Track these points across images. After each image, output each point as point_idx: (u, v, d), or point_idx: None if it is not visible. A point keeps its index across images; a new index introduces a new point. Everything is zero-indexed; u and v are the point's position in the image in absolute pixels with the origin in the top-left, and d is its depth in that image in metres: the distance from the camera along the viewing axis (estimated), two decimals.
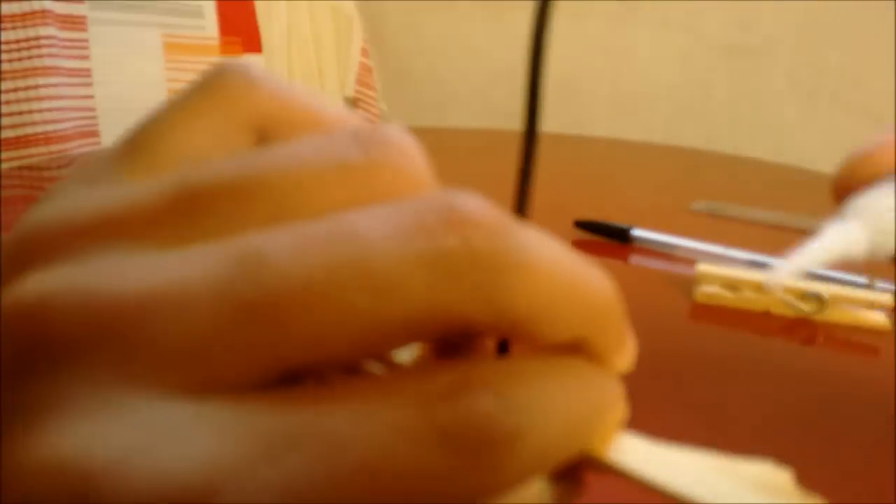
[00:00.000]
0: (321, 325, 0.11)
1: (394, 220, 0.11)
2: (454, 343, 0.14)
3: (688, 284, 0.40)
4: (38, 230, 0.13)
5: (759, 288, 0.38)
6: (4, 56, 0.56)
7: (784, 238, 0.51)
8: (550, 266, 0.12)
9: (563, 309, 0.12)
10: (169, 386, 0.11)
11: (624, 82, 0.97)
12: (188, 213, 0.12)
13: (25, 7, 0.57)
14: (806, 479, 0.27)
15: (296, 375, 0.11)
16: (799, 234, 0.50)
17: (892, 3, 0.81)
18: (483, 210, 0.11)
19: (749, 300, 0.38)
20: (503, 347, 0.14)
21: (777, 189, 0.68)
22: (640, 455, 0.14)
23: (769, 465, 0.14)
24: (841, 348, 0.36)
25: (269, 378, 0.11)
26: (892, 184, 0.21)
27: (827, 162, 0.83)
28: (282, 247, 0.11)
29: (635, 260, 0.46)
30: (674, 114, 0.97)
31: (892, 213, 0.19)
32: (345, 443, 0.10)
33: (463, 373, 0.11)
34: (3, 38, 0.56)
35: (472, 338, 0.14)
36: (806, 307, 0.38)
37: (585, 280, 0.12)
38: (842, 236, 0.18)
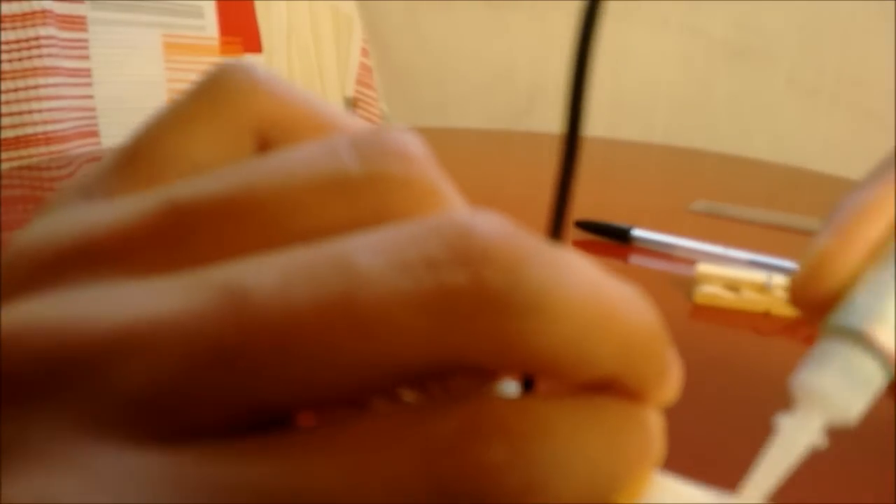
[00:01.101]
0: (306, 370, 0.10)
1: (394, 249, 0.10)
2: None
3: (688, 285, 0.40)
4: (24, 254, 0.12)
5: (759, 288, 0.38)
6: (4, 56, 0.56)
7: (784, 238, 0.51)
8: (578, 301, 0.10)
9: (593, 347, 0.10)
10: (134, 435, 0.09)
11: (623, 82, 0.97)
12: (174, 235, 0.11)
13: (25, 7, 0.57)
14: (806, 479, 0.27)
15: (284, 415, 0.10)
16: (798, 234, 0.50)
17: (892, 3, 0.81)
18: (500, 236, 0.10)
19: (749, 300, 0.38)
20: (528, 384, 0.12)
21: (777, 189, 0.68)
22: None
23: None
24: None
25: (248, 422, 0.10)
26: (833, 347, 0.17)
27: (827, 162, 0.83)
28: (267, 281, 0.10)
29: (635, 260, 0.46)
30: (673, 114, 0.97)
31: (846, 390, 0.17)
32: (332, 500, 0.09)
33: (473, 417, 0.10)
34: (3, 38, 0.56)
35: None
36: None
37: (621, 311, 0.11)
38: (799, 439, 0.16)
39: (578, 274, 0.10)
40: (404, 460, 0.10)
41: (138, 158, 0.13)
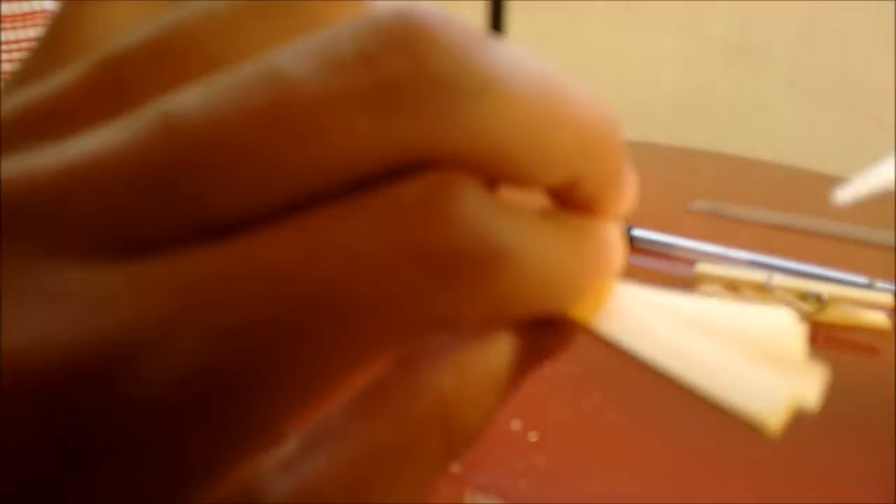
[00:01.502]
0: (245, 177, 0.09)
1: (324, 49, 0.10)
2: None
3: (687, 285, 0.40)
4: None
5: (759, 288, 0.38)
6: (4, 56, 0.56)
7: (783, 238, 0.51)
8: (530, 88, 0.10)
9: (548, 140, 0.10)
10: (90, 250, 0.10)
11: (623, 83, 0.97)
12: (110, 88, 0.11)
13: (25, 7, 0.57)
14: (807, 479, 0.27)
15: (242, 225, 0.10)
16: (798, 234, 0.50)
17: (892, 3, 0.81)
18: (441, 21, 0.10)
19: (749, 300, 0.38)
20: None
21: (777, 189, 0.68)
22: (632, 315, 0.12)
23: (783, 317, 0.13)
24: (841, 348, 0.36)
25: (198, 231, 0.10)
26: None
27: (826, 162, 0.83)
28: (195, 103, 0.10)
29: (634, 260, 0.45)
30: (673, 114, 0.96)
31: None
32: (291, 276, 0.09)
33: (440, 178, 0.09)
34: (3, 39, 0.56)
35: None
36: (806, 307, 0.37)
37: (575, 105, 0.10)
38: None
39: (529, 61, 0.10)
40: (368, 225, 0.09)
41: (64, 38, 0.13)
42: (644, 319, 0.12)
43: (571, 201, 0.12)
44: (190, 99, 0.10)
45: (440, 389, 0.11)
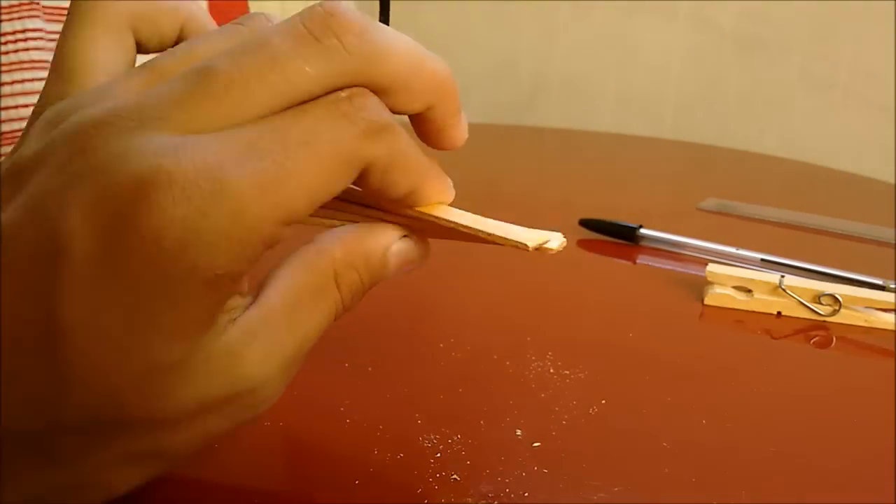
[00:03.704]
0: (253, 94, 0.18)
1: (291, 30, 0.18)
2: None
3: (698, 286, 0.40)
4: (49, 117, 0.20)
5: (771, 289, 0.37)
6: (3, 47, 0.56)
7: (797, 237, 0.50)
8: (404, 53, 0.19)
9: (414, 81, 0.19)
10: (171, 132, 0.17)
11: (631, 75, 0.96)
12: (151, 77, 0.19)
13: None
14: (821, 483, 0.26)
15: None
16: (811, 232, 0.49)
17: None
18: (352, 16, 0.18)
19: (761, 302, 0.37)
20: None
21: (790, 186, 0.67)
22: (452, 212, 0.21)
23: (555, 234, 0.21)
24: (855, 351, 0.35)
25: (230, 124, 0.17)
26: None
27: (840, 158, 0.82)
28: (221, 57, 0.18)
29: (643, 260, 0.45)
30: (683, 108, 0.95)
31: None
32: (277, 133, 0.17)
33: (358, 90, 0.19)
34: (1, 30, 0.55)
35: None
36: (820, 310, 0.37)
37: (429, 63, 0.20)
38: None
39: (401, 39, 0.19)
40: (319, 106, 0.18)
41: (68, 71, 0.22)
42: (459, 213, 0.21)
43: (427, 123, 0.21)
44: (218, 57, 0.18)
45: (331, 254, 0.20)
